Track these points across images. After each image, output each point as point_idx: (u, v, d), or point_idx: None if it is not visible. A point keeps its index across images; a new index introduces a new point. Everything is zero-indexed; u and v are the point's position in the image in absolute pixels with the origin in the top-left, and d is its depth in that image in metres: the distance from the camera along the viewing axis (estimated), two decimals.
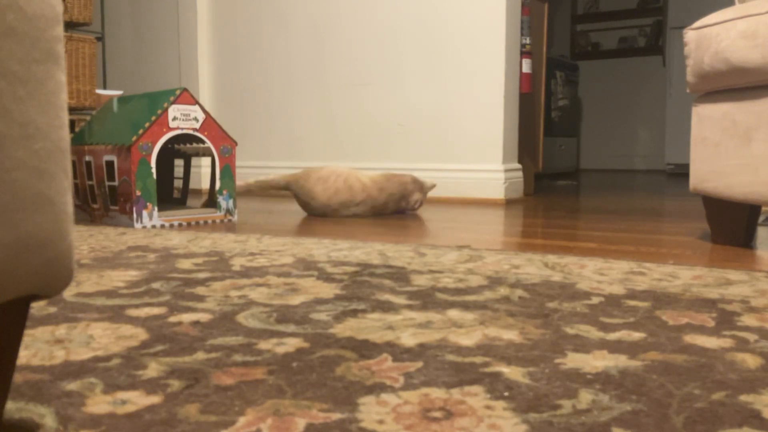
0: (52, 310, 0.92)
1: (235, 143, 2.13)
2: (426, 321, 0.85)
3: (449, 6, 2.88)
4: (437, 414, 0.55)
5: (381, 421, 0.54)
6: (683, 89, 5.40)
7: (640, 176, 5.44)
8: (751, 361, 0.69)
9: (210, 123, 2.05)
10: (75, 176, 2.14)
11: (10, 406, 0.57)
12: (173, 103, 1.96)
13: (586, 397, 0.59)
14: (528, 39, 3.01)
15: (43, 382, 0.63)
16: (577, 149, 5.97)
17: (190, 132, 2.01)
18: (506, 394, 0.59)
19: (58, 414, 0.56)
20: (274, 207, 2.69)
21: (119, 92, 2.72)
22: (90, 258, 1.37)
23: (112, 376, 0.65)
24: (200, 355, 0.71)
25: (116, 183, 1.96)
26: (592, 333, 0.79)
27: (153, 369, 0.67)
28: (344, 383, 0.62)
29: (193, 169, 3.64)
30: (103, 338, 0.78)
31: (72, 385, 0.62)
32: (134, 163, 1.89)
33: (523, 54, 3.00)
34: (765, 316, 0.87)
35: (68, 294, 1.02)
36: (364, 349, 0.73)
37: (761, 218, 2.02)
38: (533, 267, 1.23)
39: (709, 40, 1.45)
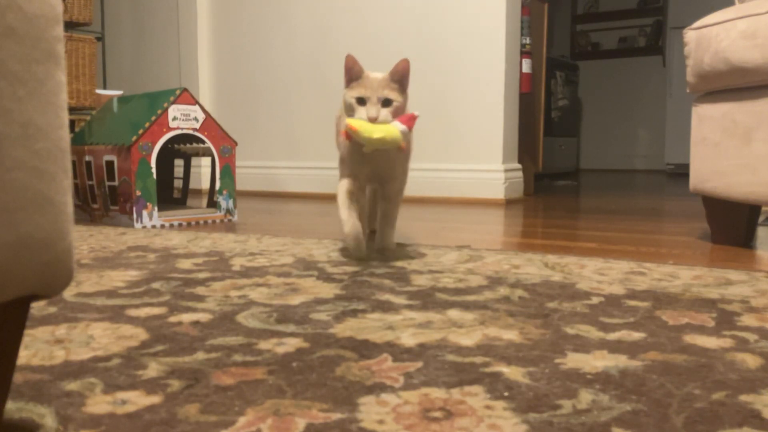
0: (52, 310, 0.92)
1: (235, 143, 2.12)
2: (426, 321, 0.85)
3: (449, 6, 2.88)
4: (437, 414, 0.55)
5: (381, 421, 0.54)
6: (683, 89, 5.40)
7: (640, 176, 5.44)
8: (751, 361, 0.69)
9: (210, 123, 2.05)
10: (75, 176, 2.14)
11: (10, 406, 0.57)
12: (173, 103, 1.96)
13: (586, 397, 0.59)
14: (528, 39, 3.01)
15: (43, 382, 0.63)
16: (577, 149, 5.97)
17: (190, 132, 2.01)
18: (506, 394, 0.59)
19: (58, 414, 0.56)
20: (274, 207, 2.69)
21: (119, 92, 2.71)
22: (90, 258, 1.37)
23: (112, 376, 0.65)
24: (200, 355, 0.71)
25: (116, 183, 1.96)
26: (592, 333, 0.79)
27: (153, 369, 0.67)
28: (344, 383, 0.62)
29: (193, 169, 3.63)
30: (103, 338, 0.78)
31: (72, 385, 0.62)
32: (134, 163, 1.89)
33: (523, 54, 3.00)
34: (765, 316, 0.87)
35: (68, 294, 1.02)
36: (364, 349, 0.73)
37: (761, 218, 2.02)
38: (533, 267, 1.23)
39: (709, 40, 1.45)
